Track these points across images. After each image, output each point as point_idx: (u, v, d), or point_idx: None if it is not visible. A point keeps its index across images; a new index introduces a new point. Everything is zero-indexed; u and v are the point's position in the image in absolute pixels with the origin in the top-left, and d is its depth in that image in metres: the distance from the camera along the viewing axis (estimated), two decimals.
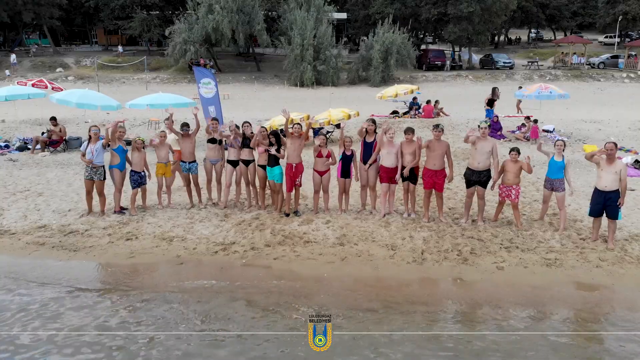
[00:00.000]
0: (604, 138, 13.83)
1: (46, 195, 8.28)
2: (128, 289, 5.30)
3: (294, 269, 5.69)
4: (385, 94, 16.31)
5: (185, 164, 7.40)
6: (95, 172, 7.08)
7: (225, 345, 4.37)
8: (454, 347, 4.37)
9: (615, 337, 4.61)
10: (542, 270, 5.67)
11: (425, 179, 6.92)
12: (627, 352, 4.33)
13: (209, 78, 11.61)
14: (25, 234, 6.66)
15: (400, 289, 5.35)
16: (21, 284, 5.40)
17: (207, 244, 6.23)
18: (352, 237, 6.48)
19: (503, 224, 6.95)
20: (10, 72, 33.62)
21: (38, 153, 11.48)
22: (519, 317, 4.87)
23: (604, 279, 5.59)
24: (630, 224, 7.12)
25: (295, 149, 7.02)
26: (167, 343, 4.36)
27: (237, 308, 4.87)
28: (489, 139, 6.68)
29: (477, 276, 5.54)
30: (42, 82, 15.56)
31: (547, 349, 4.35)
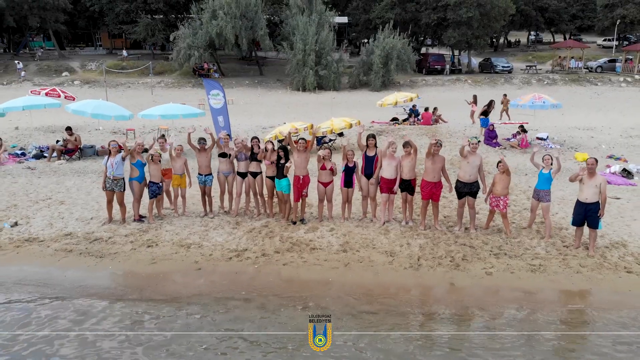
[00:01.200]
0: (596, 146, 14.39)
1: (68, 203, 8.86)
2: (156, 294, 5.87)
3: (302, 274, 6.26)
4: (385, 101, 16.87)
5: (202, 176, 7.96)
6: (116, 184, 7.65)
7: (240, 344, 4.92)
8: (446, 345, 4.93)
9: (592, 336, 5.17)
10: (527, 276, 6.24)
11: (424, 190, 7.48)
12: (603, 351, 4.89)
13: (217, 90, 12.18)
14: (53, 241, 7.24)
15: (398, 293, 5.91)
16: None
17: (221, 251, 6.81)
18: (354, 244, 7.05)
19: (494, 231, 7.52)
20: (18, 76, 34.29)
21: (54, 161, 12.05)
22: (503, 318, 5.44)
23: (583, 283, 6.15)
24: (612, 232, 7.68)
25: (301, 162, 7.59)
26: (192, 340, 4.93)
27: (252, 309, 5.44)
28: (477, 153, 7.25)
29: (467, 281, 6.10)
30: (55, 90, 16.13)
31: (526, 347, 4.91)
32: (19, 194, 9.56)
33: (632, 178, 11.00)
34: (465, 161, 7.17)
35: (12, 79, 34.72)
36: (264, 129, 15.85)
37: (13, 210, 8.66)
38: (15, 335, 4.98)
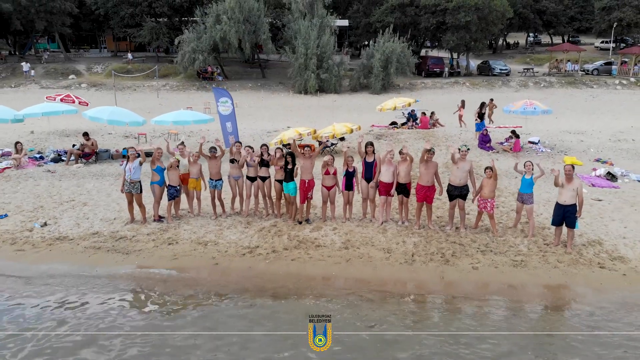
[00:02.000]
0: (585, 149, 15.09)
1: (90, 205, 9.60)
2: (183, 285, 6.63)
3: (308, 268, 7.00)
4: (384, 106, 17.58)
5: (213, 181, 8.69)
6: (133, 187, 8.38)
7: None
8: (435, 328, 5.67)
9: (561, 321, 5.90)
10: (509, 270, 6.97)
11: (418, 193, 8.21)
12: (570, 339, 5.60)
13: (226, 97, 12.92)
14: (81, 239, 7.99)
15: (394, 285, 6.64)
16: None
17: (236, 248, 7.55)
18: (355, 242, 7.79)
19: (482, 230, 8.25)
20: (25, 79, 35.04)
21: (72, 164, 12.79)
22: (486, 306, 6.17)
23: (560, 277, 6.88)
24: (591, 232, 8.40)
25: (307, 168, 8.32)
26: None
27: (265, 298, 6.17)
28: (467, 160, 7.97)
29: (456, 275, 6.84)
30: (69, 96, 16.86)
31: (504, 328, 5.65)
32: (43, 196, 10.30)
33: (616, 181, 11.69)
34: (456, 167, 7.90)
35: (19, 81, 35.44)
36: (269, 133, 16.56)
37: (40, 211, 9.40)
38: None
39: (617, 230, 8.47)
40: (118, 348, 5.13)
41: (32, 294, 6.39)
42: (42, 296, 6.31)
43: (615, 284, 6.76)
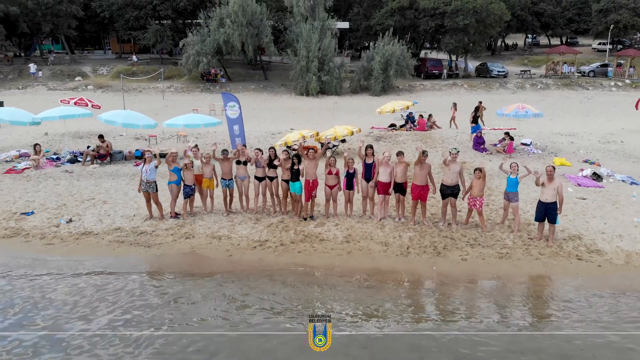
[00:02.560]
0: (575, 151, 15.81)
1: (110, 203, 10.34)
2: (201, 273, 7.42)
3: (314, 259, 7.75)
4: (383, 109, 18.29)
5: (225, 180, 9.42)
6: (149, 186, 9.12)
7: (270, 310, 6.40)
8: (425, 309, 6.41)
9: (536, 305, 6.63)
10: (495, 262, 7.71)
11: (413, 192, 8.95)
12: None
13: (234, 102, 13.66)
14: (106, 234, 8.73)
15: (390, 274, 7.38)
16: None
17: (247, 241, 8.29)
18: (355, 236, 8.53)
19: (472, 226, 8.99)
20: (33, 80, 35.78)
21: (88, 165, 13.53)
22: (471, 292, 6.92)
23: (540, 268, 7.62)
24: (572, 227, 9.14)
25: (311, 168, 9.06)
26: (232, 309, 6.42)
27: (276, 285, 6.92)
28: (458, 161, 8.71)
29: (446, 265, 7.58)
30: (83, 100, 17.60)
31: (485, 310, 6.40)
32: (64, 195, 11.05)
33: (601, 181, 12.41)
34: (447, 168, 8.64)
35: (27, 83, 36.17)
36: (273, 135, 17.28)
37: (63, 208, 10.14)
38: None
39: (597, 226, 9.20)
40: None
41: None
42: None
43: (591, 274, 7.49)
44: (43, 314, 6.13)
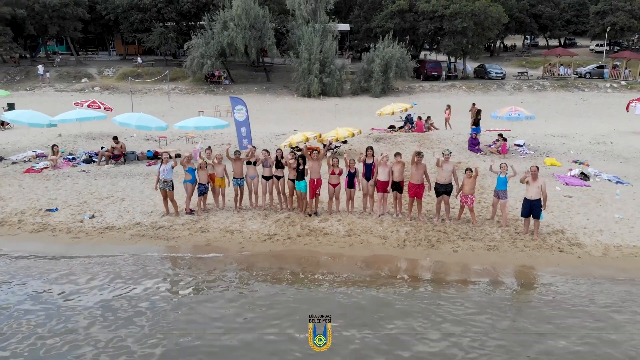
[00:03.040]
0: (565, 151, 16.53)
1: (128, 200, 11.10)
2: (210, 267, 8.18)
3: (319, 251, 8.50)
4: (383, 111, 19.03)
5: (237, 179, 10.18)
6: (166, 185, 9.88)
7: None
8: (418, 294, 7.16)
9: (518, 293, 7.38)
10: (483, 253, 8.47)
11: (410, 190, 9.70)
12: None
13: (241, 105, 14.42)
14: (127, 229, 9.49)
15: (388, 263, 8.14)
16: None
17: (257, 235, 9.06)
18: (356, 230, 9.29)
19: (464, 221, 9.74)
20: (40, 82, 36.53)
21: (103, 165, 14.29)
22: (460, 279, 7.67)
23: (524, 259, 8.38)
24: (557, 223, 9.88)
25: (315, 168, 9.82)
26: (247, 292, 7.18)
27: (285, 273, 7.68)
28: (450, 162, 9.47)
29: (439, 256, 8.34)
30: (95, 102, 18.38)
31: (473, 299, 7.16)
32: (84, 193, 11.81)
33: (588, 180, 13.15)
34: (441, 168, 9.39)
35: (34, 84, 36.88)
36: (277, 136, 18.03)
37: (85, 205, 10.90)
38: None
39: (579, 222, 9.95)
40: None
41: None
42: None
43: (570, 264, 8.25)
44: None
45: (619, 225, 9.86)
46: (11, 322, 6.28)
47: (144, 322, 6.27)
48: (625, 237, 9.29)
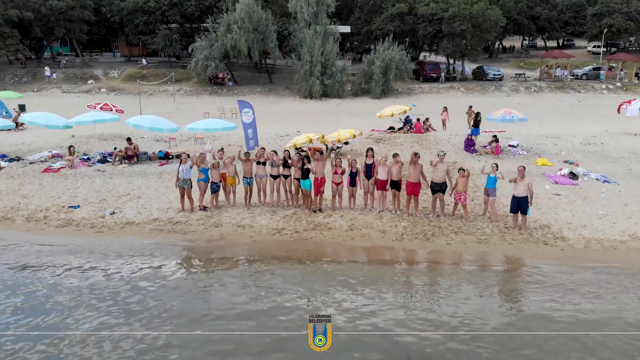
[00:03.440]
0: (557, 152, 17.28)
1: (144, 198, 11.87)
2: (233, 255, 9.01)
3: (324, 243, 9.27)
4: (383, 113, 19.80)
5: (246, 179, 10.96)
6: (185, 183, 10.66)
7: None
8: (415, 280, 7.94)
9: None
10: (474, 246, 9.24)
11: (407, 188, 10.48)
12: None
13: (248, 108, 15.21)
14: (146, 224, 10.26)
15: (387, 254, 8.91)
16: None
17: (267, 229, 9.83)
18: (358, 225, 10.06)
19: (457, 217, 10.51)
20: (47, 83, 37.29)
21: (117, 165, 15.05)
22: (452, 268, 8.46)
23: (512, 251, 9.15)
24: (544, 218, 10.65)
25: (320, 168, 10.59)
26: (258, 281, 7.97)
27: (293, 263, 8.46)
28: (445, 162, 10.25)
29: (433, 249, 9.10)
30: (107, 105, 19.15)
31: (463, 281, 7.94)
32: (102, 191, 12.58)
33: (577, 179, 13.91)
34: (436, 168, 10.16)
35: (41, 85, 37.62)
36: (281, 137, 18.78)
37: (104, 203, 11.68)
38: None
39: (565, 218, 10.71)
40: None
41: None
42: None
43: (554, 256, 9.02)
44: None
45: (602, 221, 10.63)
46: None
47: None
48: (606, 232, 10.06)
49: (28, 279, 7.89)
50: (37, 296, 7.31)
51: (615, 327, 6.59)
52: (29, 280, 7.84)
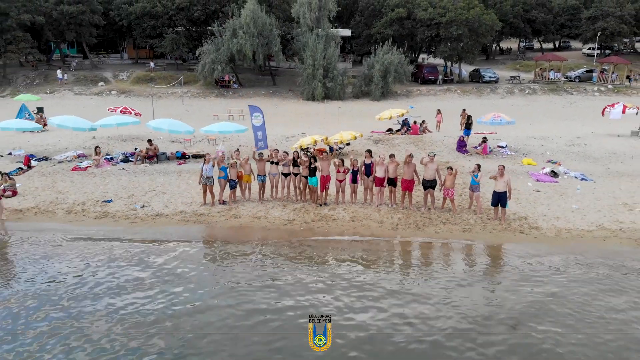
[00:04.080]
0: (542, 152, 18.70)
1: (168, 193, 13.32)
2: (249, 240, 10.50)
3: (329, 232, 10.74)
4: (382, 116, 21.22)
5: (260, 176, 12.43)
6: (207, 180, 12.12)
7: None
8: (408, 260, 9.41)
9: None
10: (459, 234, 10.70)
11: (402, 185, 11.94)
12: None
13: (258, 112, 16.68)
14: (173, 215, 11.72)
15: (385, 240, 10.38)
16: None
17: (279, 220, 11.30)
18: (359, 217, 11.52)
19: (446, 210, 11.96)
20: (59, 85, 38.71)
21: (139, 164, 16.50)
22: (438, 251, 9.92)
23: (492, 238, 10.60)
24: (522, 211, 12.09)
25: (325, 166, 12.04)
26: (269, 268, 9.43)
27: (304, 248, 9.93)
28: (435, 161, 11.69)
29: (424, 236, 10.57)
30: (127, 109, 20.61)
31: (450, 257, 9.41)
32: (129, 187, 14.03)
33: (557, 177, 15.34)
34: (427, 167, 11.62)
35: (54, 88, 38.99)
36: (287, 139, 20.21)
37: (133, 197, 13.13)
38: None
39: (541, 211, 12.16)
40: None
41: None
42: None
43: (527, 243, 10.47)
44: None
45: (574, 214, 12.07)
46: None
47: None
48: (576, 223, 11.50)
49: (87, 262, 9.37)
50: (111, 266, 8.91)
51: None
52: (85, 263, 9.32)
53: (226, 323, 7.00)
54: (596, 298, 8.02)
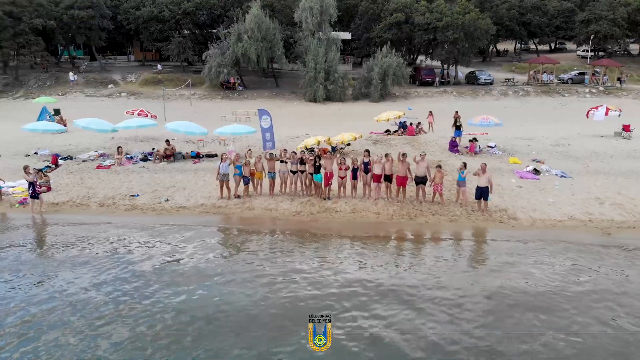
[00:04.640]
0: (528, 152, 20.19)
1: (188, 189, 14.86)
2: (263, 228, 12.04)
3: (333, 222, 12.29)
4: (380, 117, 22.74)
5: (270, 173, 13.96)
6: (224, 177, 13.66)
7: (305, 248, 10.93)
8: (401, 247, 10.95)
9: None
10: (446, 224, 12.24)
11: (397, 181, 13.47)
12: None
13: (266, 115, 18.25)
14: (194, 208, 13.26)
15: (381, 229, 11.93)
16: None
17: (288, 212, 12.85)
18: (358, 209, 13.06)
19: (435, 203, 13.50)
20: (71, 87, 40.22)
21: (158, 163, 18.03)
22: (428, 237, 11.48)
23: (474, 228, 12.14)
24: (504, 204, 13.61)
25: (328, 165, 13.58)
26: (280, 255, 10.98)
27: (310, 235, 11.47)
28: (425, 160, 13.23)
29: (415, 225, 12.12)
30: (143, 111, 22.15)
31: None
32: (152, 184, 15.57)
33: (539, 174, 16.84)
34: (418, 165, 13.16)
35: (65, 89, 40.49)
36: (292, 139, 21.72)
37: (157, 192, 14.67)
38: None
39: (521, 204, 13.68)
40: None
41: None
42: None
43: (506, 230, 12.01)
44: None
45: (550, 206, 13.59)
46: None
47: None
48: (550, 214, 13.03)
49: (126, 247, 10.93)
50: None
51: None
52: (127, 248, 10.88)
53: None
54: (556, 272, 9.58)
